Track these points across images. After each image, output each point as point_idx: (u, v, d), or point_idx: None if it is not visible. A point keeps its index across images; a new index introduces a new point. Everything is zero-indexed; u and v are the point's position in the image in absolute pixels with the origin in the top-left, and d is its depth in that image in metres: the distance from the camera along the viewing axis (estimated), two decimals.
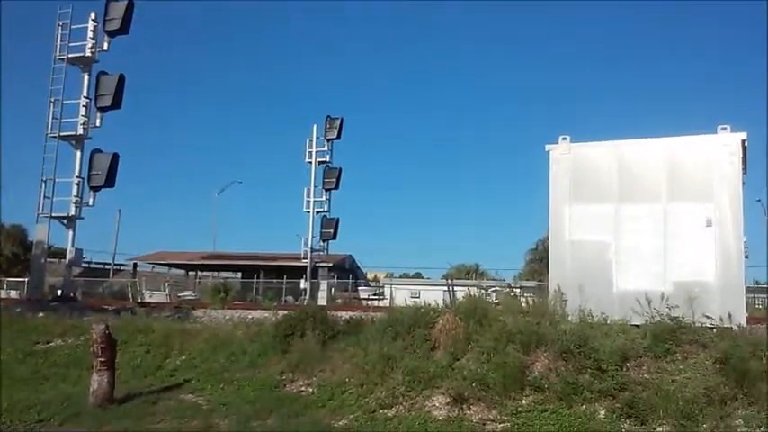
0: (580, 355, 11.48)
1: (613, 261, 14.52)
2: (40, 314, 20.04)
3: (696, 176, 14.33)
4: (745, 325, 12.90)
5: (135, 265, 59.72)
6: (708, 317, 12.71)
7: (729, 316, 12.75)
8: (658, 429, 10.21)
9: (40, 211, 25.77)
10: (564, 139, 15.63)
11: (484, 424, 10.96)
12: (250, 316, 18.36)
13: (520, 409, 11.05)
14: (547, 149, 15.71)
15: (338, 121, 43.49)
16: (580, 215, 15.05)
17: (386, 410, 11.81)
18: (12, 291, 38.23)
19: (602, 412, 10.73)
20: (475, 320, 13.10)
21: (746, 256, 14.26)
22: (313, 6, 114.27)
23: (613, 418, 10.58)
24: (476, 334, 12.75)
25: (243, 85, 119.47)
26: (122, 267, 65.55)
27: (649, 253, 14.24)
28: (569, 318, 13.14)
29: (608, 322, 12.70)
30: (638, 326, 12.61)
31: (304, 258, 44.96)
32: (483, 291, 21.11)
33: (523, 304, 14.35)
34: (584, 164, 15.39)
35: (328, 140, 42.60)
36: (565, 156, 15.48)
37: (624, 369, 11.36)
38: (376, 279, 56.60)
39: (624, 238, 14.59)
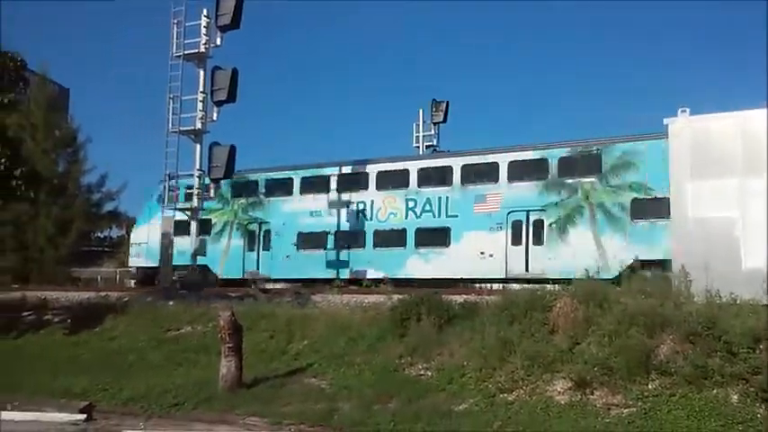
0: (709, 337, 11.07)
1: (740, 238, 13.88)
2: (170, 303, 21.12)
3: None
4: None
5: None
6: None
7: None
8: None
9: (165, 204, 27.15)
10: (683, 111, 15.05)
11: (609, 409, 10.77)
12: (366, 300, 18.65)
13: (646, 393, 10.80)
14: (665, 123, 15.20)
15: (444, 105, 43.27)
16: (703, 191, 14.46)
17: (506, 395, 11.82)
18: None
19: (735, 396, 10.33)
20: (595, 303, 12.85)
21: None
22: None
23: (747, 403, 10.18)
24: (596, 317, 12.51)
25: (349, 72, 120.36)
26: None
27: None
28: (695, 298, 12.67)
29: (737, 302, 12.16)
30: None
31: None
32: None
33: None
34: (706, 137, 14.79)
35: (435, 124, 42.49)
36: (685, 129, 14.90)
37: (757, 351, 10.85)
38: None
39: (751, 214, 13.91)
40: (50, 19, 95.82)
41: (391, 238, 27.11)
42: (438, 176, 26.77)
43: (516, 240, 24.43)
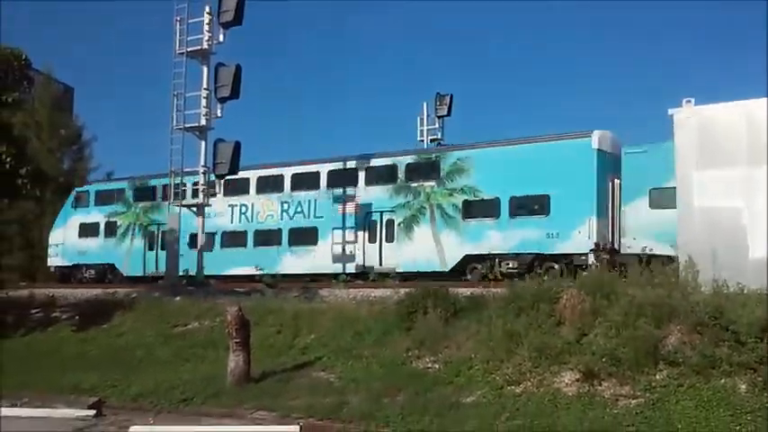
0: (716, 327, 11.03)
1: (747, 228, 13.83)
2: (177, 298, 21.19)
3: None
4: None
5: None
6: None
7: None
8: None
9: (170, 200, 27.22)
10: (688, 102, 15.00)
11: (616, 400, 10.76)
12: (373, 294, 18.69)
13: (654, 384, 10.78)
14: (670, 113, 15.13)
15: (447, 98, 43.13)
16: (709, 181, 14.41)
17: (513, 387, 11.81)
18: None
19: (743, 386, 10.31)
20: (602, 295, 12.84)
21: None
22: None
23: (755, 392, 10.15)
24: (603, 308, 12.50)
25: (349, 72, 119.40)
26: None
27: None
28: (702, 289, 12.65)
29: (744, 292, 12.13)
30: None
31: None
32: None
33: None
34: (711, 127, 14.72)
35: (439, 117, 42.45)
36: (690, 119, 14.86)
37: (764, 341, 10.82)
38: None
39: (758, 203, 13.86)
40: (52, 14, 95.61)
41: (269, 238, 29.47)
42: (308, 181, 29.32)
43: (372, 238, 27.31)
